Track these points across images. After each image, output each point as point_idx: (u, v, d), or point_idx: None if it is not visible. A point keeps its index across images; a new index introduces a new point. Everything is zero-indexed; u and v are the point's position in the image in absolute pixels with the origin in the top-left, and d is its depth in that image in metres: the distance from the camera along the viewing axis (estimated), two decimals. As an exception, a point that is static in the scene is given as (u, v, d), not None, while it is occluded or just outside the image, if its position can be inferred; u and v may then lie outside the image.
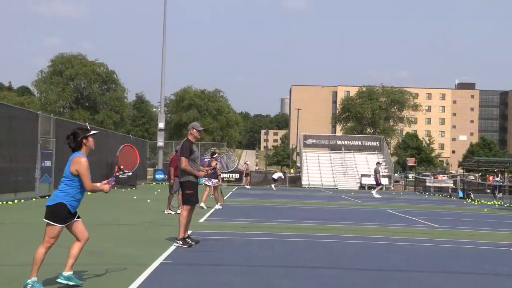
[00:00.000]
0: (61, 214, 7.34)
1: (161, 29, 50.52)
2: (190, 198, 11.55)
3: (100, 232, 13.45)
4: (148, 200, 24.65)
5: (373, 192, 37.47)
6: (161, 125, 50.11)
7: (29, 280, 7.17)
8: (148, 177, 50.97)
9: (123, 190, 34.11)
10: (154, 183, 46.60)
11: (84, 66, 74.58)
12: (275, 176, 48.50)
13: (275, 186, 46.21)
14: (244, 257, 10.40)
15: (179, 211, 18.13)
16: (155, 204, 22.37)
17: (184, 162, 11.45)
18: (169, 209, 18.81)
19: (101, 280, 8.03)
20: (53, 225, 7.33)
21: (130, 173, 8.38)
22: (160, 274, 8.46)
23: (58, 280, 7.53)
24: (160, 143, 49.46)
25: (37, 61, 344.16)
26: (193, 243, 11.57)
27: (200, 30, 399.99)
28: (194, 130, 11.84)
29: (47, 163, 25.35)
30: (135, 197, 27.12)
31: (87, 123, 33.89)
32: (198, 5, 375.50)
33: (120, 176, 8.39)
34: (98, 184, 7.57)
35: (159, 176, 48.13)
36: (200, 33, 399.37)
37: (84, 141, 7.50)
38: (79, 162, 7.30)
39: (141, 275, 8.32)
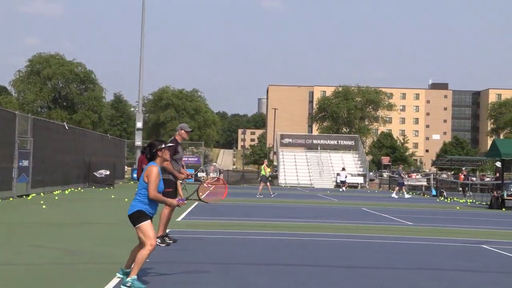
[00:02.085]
0: (142, 214, 7.58)
1: (140, 29, 50.30)
2: (170, 197, 11.53)
3: (79, 231, 13.36)
4: (126, 199, 24.51)
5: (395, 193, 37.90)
6: (139, 124, 49.89)
7: (128, 278, 7.37)
8: (126, 176, 50.68)
9: (101, 189, 33.90)
10: (131, 182, 46.36)
11: (62, 66, 73.94)
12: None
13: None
14: (222, 255, 10.39)
15: None
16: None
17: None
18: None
19: (80, 279, 7.97)
20: (142, 224, 7.54)
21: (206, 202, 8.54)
22: (138, 273, 8.40)
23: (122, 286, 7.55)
24: (138, 142, 49.22)
25: (15, 60, 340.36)
26: (171, 241, 11.54)
27: (178, 30, 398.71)
28: (183, 131, 11.87)
29: (25, 163, 25.09)
30: (113, 196, 26.96)
31: (65, 123, 33.61)
32: (177, 5, 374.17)
33: (186, 200, 8.52)
34: (167, 199, 7.81)
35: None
36: (178, 33, 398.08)
37: (159, 153, 7.72)
38: (151, 170, 7.54)
39: (117, 274, 8.25)
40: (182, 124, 12.16)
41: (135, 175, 48.08)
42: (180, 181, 12.07)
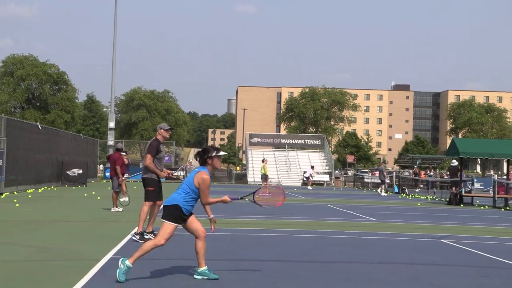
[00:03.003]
0: (176, 215, 7.73)
1: (112, 31, 49.87)
2: (151, 195, 11.55)
3: (52, 229, 13.21)
4: (98, 198, 24.30)
5: (380, 191, 38.18)
6: (111, 124, 49.46)
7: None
8: (98, 175, 50.25)
9: (74, 188, 33.55)
10: (104, 181, 45.96)
11: (35, 67, 72.92)
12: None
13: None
14: (192, 251, 10.34)
15: (113, 210, 17.86)
16: (106, 201, 22.05)
17: (148, 160, 11.45)
18: (116, 206, 18.35)
19: (52, 276, 7.89)
20: (168, 223, 7.75)
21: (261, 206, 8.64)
22: (109, 269, 8.36)
23: (194, 276, 7.95)
24: (110, 142, 48.80)
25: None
26: (145, 240, 11.49)
27: (150, 31, 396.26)
28: (162, 130, 11.85)
29: (-2, 162, 24.70)
30: (85, 195, 26.70)
31: (38, 123, 33.18)
32: (149, 6, 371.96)
33: (243, 199, 8.65)
34: (219, 199, 8.06)
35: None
36: (150, 34, 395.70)
37: (209, 160, 7.80)
38: (202, 178, 7.67)
39: (90, 270, 8.20)
40: (161, 124, 12.15)
41: (107, 174, 47.70)
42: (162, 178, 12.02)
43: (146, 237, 11.45)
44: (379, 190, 39.03)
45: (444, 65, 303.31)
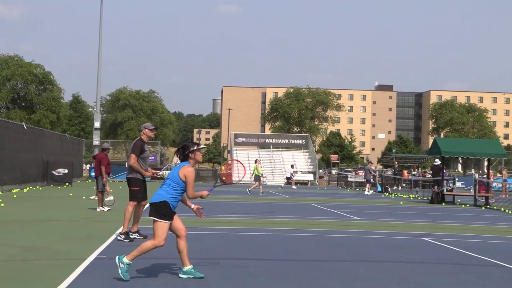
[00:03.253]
0: (165, 212, 7.72)
1: (98, 31, 49.62)
2: (136, 195, 11.51)
3: (37, 229, 13.13)
4: (84, 197, 24.18)
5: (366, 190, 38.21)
6: (97, 124, 49.21)
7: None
8: (84, 174, 50.00)
9: (59, 187, 33.36)
10: (89, 180, 45.72)
11: (20, 67, 72.46)
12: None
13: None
14: (175, 250, 10.32)
15: (98, 209, 17.79)
16: (91, 201, 21.96)
17: (132, 159, 11.40)
18: (101, 206, 18.23)
19: (37, 275, 7.85)
20: (162, 222, 7.73)
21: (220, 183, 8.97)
22: (94, 268, 8.33)
23: (180, 275, 7.95)
24: (96, 142, 48.53)
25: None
26: (141, 237, 11.53)
27: (135, 31, 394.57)
28: (146, 129, 11.78)
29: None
30: (71, 194, 26.55)
31: (23, 123, 32.96)
32: (135, 6, 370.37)
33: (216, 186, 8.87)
34: (201, 192, 8.10)
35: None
36: (136, 34, 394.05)
37: (191, 155, 7.89)
38: (189, 171, 7.75)
39: (75, 269, 8.17)
40: (145, 124, 12.09)
41: (93, 174, 47.46)
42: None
43: (131, 236, 11.44)
44: (366, 189, 39.18)
45: (427, 66, 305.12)
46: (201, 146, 8.04)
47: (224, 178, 8.74)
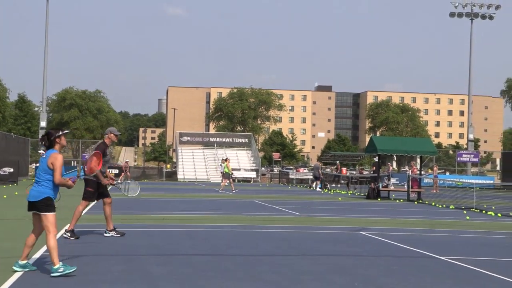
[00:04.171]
0: (50, 205, 7.66)
1: (44, 31, 48.46)
2: (89, 195, 11.35)
3: (-18, 228, 12.76)
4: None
5: (314, 186, 38.64)
6: (43, 123, 48.24)
7: (55, 267, 7.44)
8: (30, 173, 48.85)
9: (5, 186, 32.48)
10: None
11: (-36, 66, 70.41)
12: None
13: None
14: (123, 247, 10.25)
15: None
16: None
17: (94, 163, 11.19)
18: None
19: (-17, 275, 7.63)
20: (51, 214, 7.61)
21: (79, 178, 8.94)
22: (40, 266, 8.17)
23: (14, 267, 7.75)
24: (42, 141, 47.56)
25: None
26: (118, 235, 11.45)
27: (82, 31, 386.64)
28: (112, 134, 11.59)
29: None
30: (16, 193, 25.90)
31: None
32: (81, 6, 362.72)
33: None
34: (68, 182, 7.80)
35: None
36: (82, 34, 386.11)
37: (57, 140, 7.80)
38: (55, 157, 7.64)
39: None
40: (111, 128, 11.96)
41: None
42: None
43: (106, 235, 11.41)
44: (313, 185, 39.78)
45: (364, 68, 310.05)
46: (66, 131, 8.09)
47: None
